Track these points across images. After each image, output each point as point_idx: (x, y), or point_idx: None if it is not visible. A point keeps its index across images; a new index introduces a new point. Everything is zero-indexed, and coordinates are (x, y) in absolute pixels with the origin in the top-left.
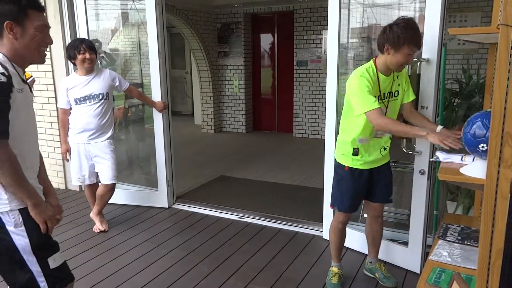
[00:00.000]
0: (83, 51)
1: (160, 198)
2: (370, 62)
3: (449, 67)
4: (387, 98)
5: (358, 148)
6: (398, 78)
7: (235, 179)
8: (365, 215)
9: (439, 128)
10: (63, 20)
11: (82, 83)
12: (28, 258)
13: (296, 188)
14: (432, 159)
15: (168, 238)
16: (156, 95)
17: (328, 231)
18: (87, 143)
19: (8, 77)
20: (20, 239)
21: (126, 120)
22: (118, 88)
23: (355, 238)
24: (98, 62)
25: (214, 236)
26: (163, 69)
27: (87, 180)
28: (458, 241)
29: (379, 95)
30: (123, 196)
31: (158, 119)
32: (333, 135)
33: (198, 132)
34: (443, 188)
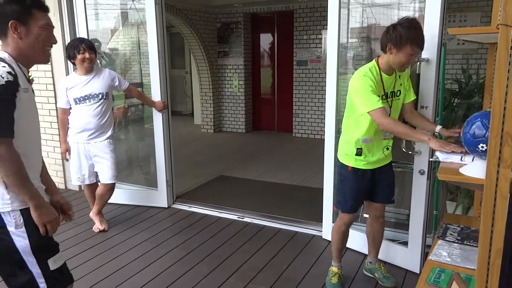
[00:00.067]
0: (82, 51)
1: (159, 197)
2: (373, 61)
3: (448, 67)
4: (390, 97)
5: (362, 149)
6: (400, 77)
7: (234, 179)
8: (365, 215)
9: (438, 128)
10: (62, 19)
11: (81, 83)
12: (28, 259)
13: (295, 188)
14: (431, 159)
15: (167, 238)
16: (156, 94)
17: (327, 231)
18: (86, 142)
19: (15, 76)
20: (21, 240)
21: (126, 120)
22: (117, 88)
23: (355, 238)
24: (98, 61)
25: (214, 236)
26: (163, 68)
27: (86, 180)
28: (457, 241)
29: (383, 94)
30: (122, 195)
31: (158, 119)
32: (332, 135)
33: (197, 132)
34: (443, 188)
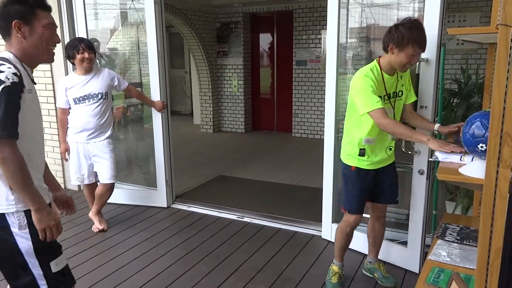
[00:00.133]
0: (82, 51)
1: (159, 197)
2: (374, 61)
3: (448, 67)
4: (393, 97)
5: (365, 149)
6: (401, 78)
7: (234, 178)
8: (365, 215)
9: (437, 126)
10: (62, 19)
11: (81, 83)
12: (31, 260)
13: (295, 188)
14: (431, 159)
15: (167, 238)
16: (155, 94)
17: (327, 230)
18: (86, 142)
19: (20, 77)
20: (24, 242)
21: (125, 120)
22: (117, 88)
23: (355, 238)
24: (97, 61)
25: (213, 236)
26: (162, 68)
27: (86, 180)
28: (457, 241)
29: (385, 95)
30: (122, 195)
31: (157, 119)
32: (332, 135)
33: (197, 132)
34: (442, 188)
